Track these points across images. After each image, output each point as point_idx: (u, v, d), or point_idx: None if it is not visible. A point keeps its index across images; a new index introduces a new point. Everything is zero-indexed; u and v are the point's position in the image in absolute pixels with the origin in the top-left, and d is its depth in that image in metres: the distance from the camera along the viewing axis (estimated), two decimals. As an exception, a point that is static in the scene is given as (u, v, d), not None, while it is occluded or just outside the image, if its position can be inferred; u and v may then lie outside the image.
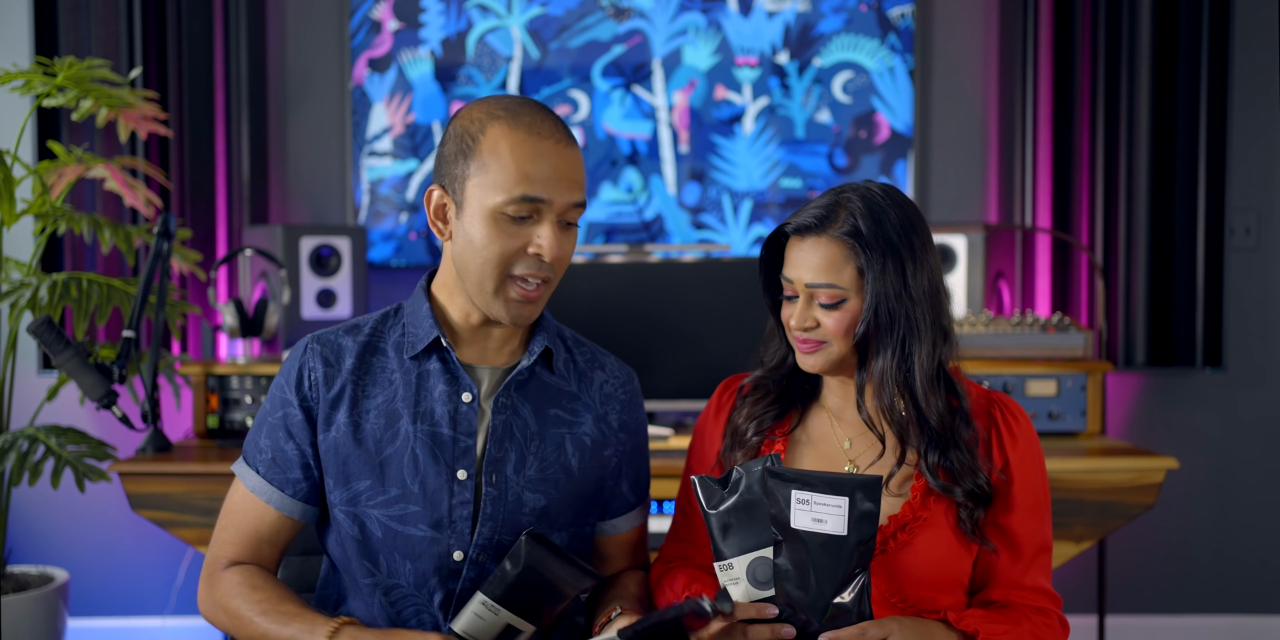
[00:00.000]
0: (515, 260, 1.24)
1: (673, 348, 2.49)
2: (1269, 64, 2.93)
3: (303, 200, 3.03)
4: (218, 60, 2.90)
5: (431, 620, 1.28)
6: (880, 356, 1.28)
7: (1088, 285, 2.89)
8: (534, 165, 1.21)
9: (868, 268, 1.26)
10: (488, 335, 1.32)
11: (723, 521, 1.19)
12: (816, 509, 1.15)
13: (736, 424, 1.39)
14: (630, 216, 2.99)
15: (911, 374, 1.28)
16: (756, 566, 1.17)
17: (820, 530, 1.15)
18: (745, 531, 1.18)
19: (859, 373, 1.31)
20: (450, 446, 1.28)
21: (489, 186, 1.22)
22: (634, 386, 1.43)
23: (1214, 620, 3.01)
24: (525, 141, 1.22)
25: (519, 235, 1.23)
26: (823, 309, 1.29)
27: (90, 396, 2.27)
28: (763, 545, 1.17)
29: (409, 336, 1.32)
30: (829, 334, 1.29)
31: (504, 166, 1.21)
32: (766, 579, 1.17)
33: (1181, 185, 2.86)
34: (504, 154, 1.22)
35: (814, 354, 1.31)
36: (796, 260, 1.30)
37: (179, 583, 2.92)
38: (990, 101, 3.01)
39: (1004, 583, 1.31)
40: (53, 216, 2.54)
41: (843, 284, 1.27)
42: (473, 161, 1.23)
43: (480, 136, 1.23)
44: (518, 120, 1.23)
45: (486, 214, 1.22)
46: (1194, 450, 2.96)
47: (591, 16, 2.97)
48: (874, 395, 1.30)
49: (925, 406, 1.28)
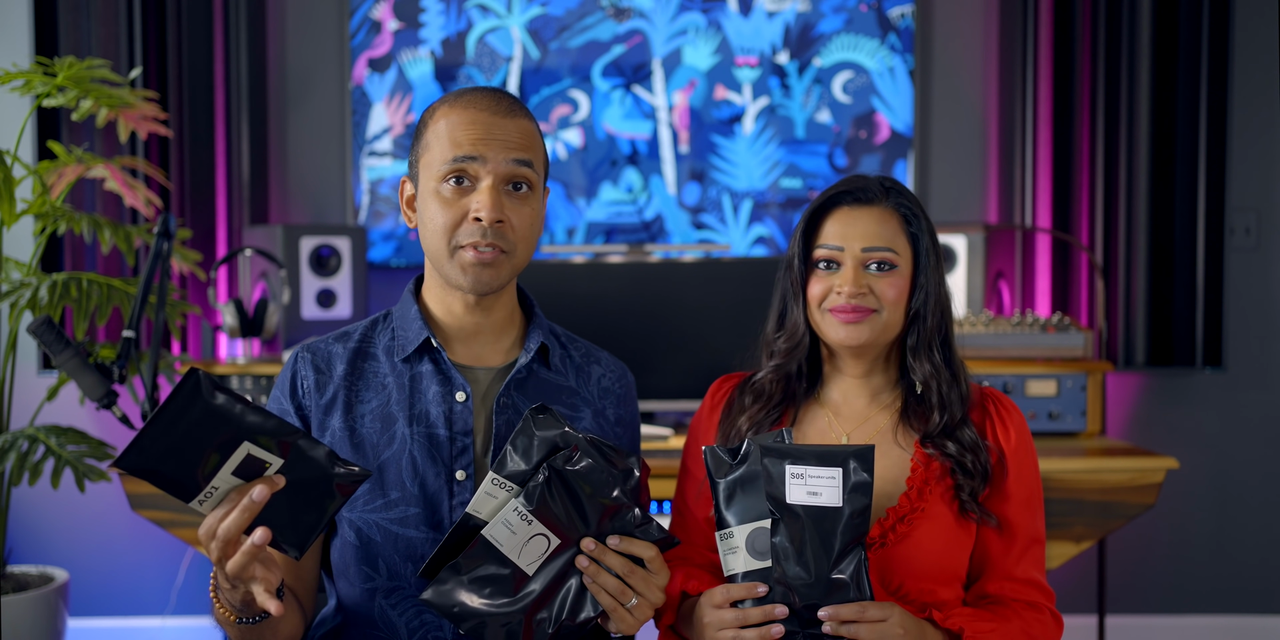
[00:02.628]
0: (459, 230, 1.25)
1: (673, 348, 2.49)
2: (1269, 64, 2.93)
3: (303, 200, 3.03)
4: (218, 60, 2.90)
5: (434, 621, 1.28)
6: (927, 322, 1.34)
7: (1088, 285, 2.89)
8: (465, 132, 1.25)
9: (920, 235, 1.33)
10: (479, 333, 1.32)
11: (729, 491, 1.20)
12: (811, 482, 1.16)
13: (736, 424, 1.40)
14: (630, 216, 2.99)
15: (948, 342, 1.36)
16: (755, 537, 1.18)
17: (815, 503, 1.15)
18: (748, 502, 1.19)
19: (911, 336, 1.34)
20: (447, 447, 1.28)
21: (431, 163, 1.26)
22: (629, 381, 1.44)
23: (1214, 620, 3.01)
24: (461, 115, 1.26)
25: (458, 205, 1.25)
26: (877, 274, 1.32)
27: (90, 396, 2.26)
28: (763, 516, 1.18)
29: (399, 340, 1.32)
30: (883, 300, 1.32)
31: (440, 139, 1.26)
32: (764, 550, 1.17)
33: (1181, 185, 2.86)
34: (442, 129, 1.26)
35: (861, 323, 1.32)
36: (848, 227, 1.33)
37: (179, 583, 2.92)
38: (990, 101, 3.01)
39: (997, 574, 1.32)
40: (53, 216, 2.54)
41: (898, 249, 1.32)
42: (420, 145, 1.28)
43: (429, 121, 1.28)
44: (459, 100, 1.27)
45: (431, 190, 1.26)
46: (1194, 450, 2.96)
47: (591, 16, 2.97)
48: (925, 359, 1.34)
49: (958, 373, 1.35)
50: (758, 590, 1.17)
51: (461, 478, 1.27)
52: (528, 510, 1.14)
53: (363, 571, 1.28)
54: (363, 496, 1.27)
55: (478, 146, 1.24)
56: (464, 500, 1.27)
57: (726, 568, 1.20)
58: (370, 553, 1.27)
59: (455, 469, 1.27)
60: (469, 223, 1.25)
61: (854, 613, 1.14)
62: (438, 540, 1.26)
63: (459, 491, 1.27)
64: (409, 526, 1.26)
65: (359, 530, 1.27)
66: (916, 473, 1.31)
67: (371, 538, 1.27)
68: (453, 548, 1.17)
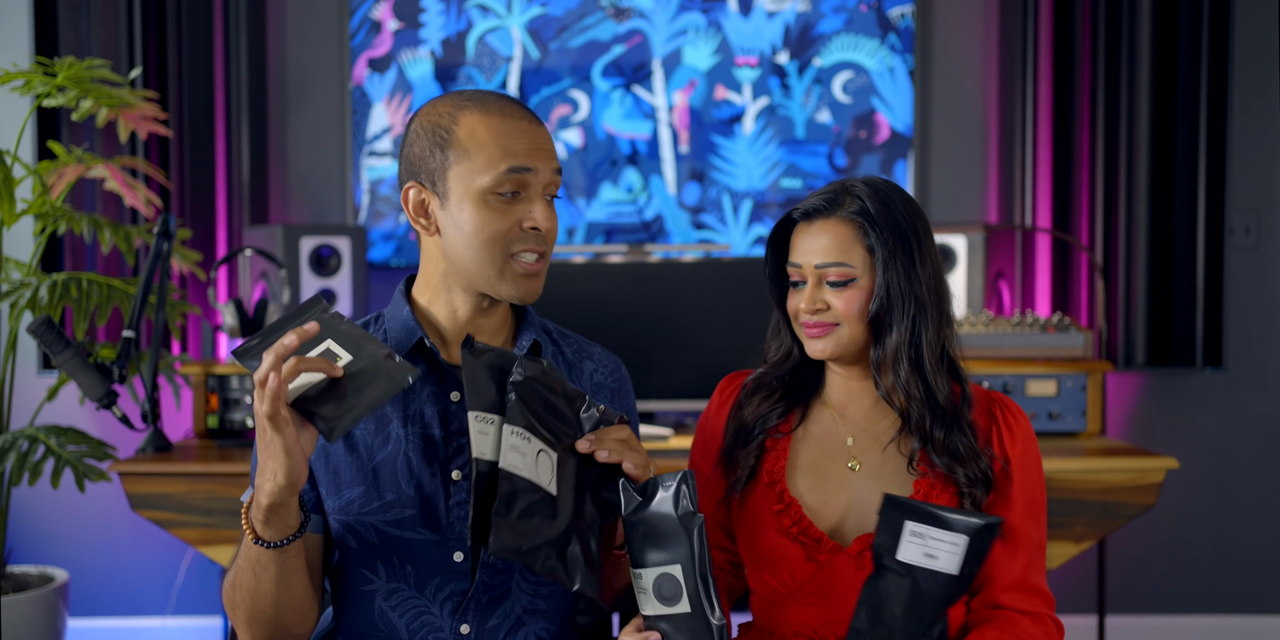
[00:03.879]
0: (512, 238, 1.25)
1: (673, 348, 2.49)
2: (1269, 64, 2.93)
3: (303, 200, 3.03)
4: (218, 60, 2.90)
5: (434, 622, 1.27)
6: (894, 333, 1.30)
7: (1088, 285, 2.89)
8: (514, 141, 1.25)
9: (878, 246, 1.29)
10: (477, 333, 1.32)
11: (636, 532, 1.17)
12: (931, 544, 1.13)
13: (743, 420, 1.40)
14: (630, 216, 3.00)
15: (921, 352, 1.30)
16: (662, 582, 1.16)
17: (929, 566, 1.12)
18: (655, 545, 1.16)
19: (874, 349, 1.32)
20: (442, 447, 1.27)
21: (475, 170, 1.24)
22: (622, 374, 1.44)
23: (1214, 620, 3.01)
24: (501, 122, 1.25)
25: (510, 213, 1.25)
26: (832, 289, 1.31)
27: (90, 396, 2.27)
28: (669, 562, 1.15)
29: (392, 341, 1.31)
30: (840, 315, 1.30)
31: (485, 148, 1.24)
32: (671, 595, 1.15)
33: (1181, 185, 2.86)
34: (483, 136, 1.24)
35: (823, 338, 1.32)
36: (804, 244, 1.32)
37: (179, 583, 2.92)
38: (990, 101, 3.01)
39: (1003, 582, 1.31)
40: (53, 216, 2.54)
41: (853, 263, 1.29)
42: (451, 151, 1.25)
43: (454, 126, 1.26)
44: (488, 106, 1.26)
45: (476, 197, 1.24)
46: (1194, 450, 2.96)
47: (591, 16, 2.97)
48: (889, 372, 1.31)
49: (934, 384, 1.30)
50: (648, 637, 1.16)
51: (457, 477, 1.27)
52: (520, 428, 1.16)
53: (361, 574, 1.28)
54: (358, 499, 1.26)
55: (531, 157, 1.25)
56: (460, 500, 1.26)
57: (640, 607, 1.19)
58: (368, 555, 1.27)
59: (451, 469, 1.27)
60: (523, 232, 1.25)
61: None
62: (436, 541, 1.26)
63: (455, 492, 1.26)
64: (406, 528, 1.26)
65: (356, 533, 1.27)
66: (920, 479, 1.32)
67: (369, 540, 1.26)
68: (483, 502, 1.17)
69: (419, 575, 1.26)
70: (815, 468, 1.36)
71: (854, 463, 1.35)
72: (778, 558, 1.33)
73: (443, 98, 1.30)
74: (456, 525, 1.26)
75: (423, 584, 1.27)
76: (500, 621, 1.29)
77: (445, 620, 1.27)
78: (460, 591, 1.27)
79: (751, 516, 1.36)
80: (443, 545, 1.26)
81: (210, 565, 2.91)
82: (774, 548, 1.33)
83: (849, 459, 1.35)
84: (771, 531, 1.33)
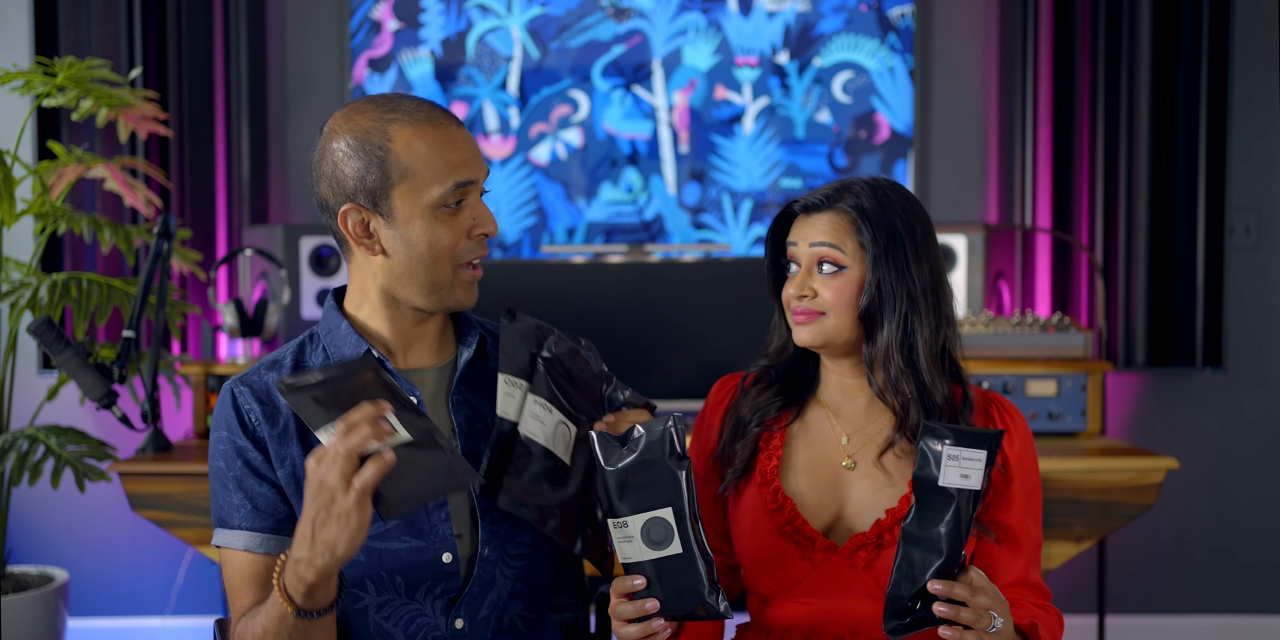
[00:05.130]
0: (462, 248, 1.26)
1: (673, 348, 2.49)
2: (1269, 64, 2.93)
3: (303, 200, 3.03)
4: (218, 60, 2.90)
5: (430, 622, 1.27)
6: (885, 329, 1.30)
7: (1088, 285, 2.89)
8: (453, 152, 1.24)
9: (869, 242, 1.29)
10: (421, 339, 1.31)
11: (619, 480, 1.18)
12: (964, 464, 1.15)
13: (740, 414, 1.40)
14: (630, 216, 3.00)
15: (915, 351, 1.30)
16: (651, 526, 1.17)
17: (964, 486, 1.15)
18: (642, 491, 1.17)
19: (867, 346, 1.32)
20: None
21: (420, 188, 1.23)
22: None
23: (1214, 620, 3.01)
24: (435, 133, 1.24)
25: (457, 224, 1.25)
26: (823, 277, 1.31)
27: (90, 396, 2.27)
28: (658, 505, 1.17)
29: (334, 357, 1.29)
30: (827, 304, 1.31)
31: (429, 164, 1.23)
32: (660, 539, 1.17)
33: (1181, 185, 2.86)
34: (423, 152, 1.23)
35: (809, 325, 1.32)
36: (801, 229, 1.34)
37: (179, 583, 2.92)
38: (990, 101, 3.01)
39: (1005, 581, 1.32)
40: (53, 216, 2.54)
41: (845, 250, 1.30)
42: (392, 169, 1.22)
43: (389, 143, 1.23)
44: (416, 117, 1.24)
45: (425, 212, 1.23)
46: (1194, 450, 2.95)
47: (591, 16, 2.97)
48: (880, 369, 1.32)
49: (929, 385, 1.31)
50: (633, 583, 1.16)
51: None
52: (544, 399, 1.27)
53: (351, 593, 1.26)
54: None
55: (471, 167, 1.25)
56: (439, 502, 1.26)
57: (622, 555, 1.19)
58: (356, 573, 1.25)
59: None
60: (469, 240, 1.26)
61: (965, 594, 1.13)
62: (421, 547, 1.25)
63: None
64: (390, 539, 1.25)
65: None
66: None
67: (356, 560, 1.24)
68: (499, 457, 1.25)
69: (409, 583, 1.26)
70: (810, 467, 1.36)
71: (849, 462, 1.35)
72: (773, 557, 1.33)
73: (358, 110, 1.25)
74: (439, 527, 1.26)
75: (413, 590, 1.27)
76: (490, 611, 1.30)
77: (439, 618, 1.28)
78: (453, 589, 1.27)
79: (746, 516, 1.36)
80: (429, 549, 1.26)
81: (210, 565, 2.91)
82: (769, 547, 1.33)
83: (844, 458, 1.36)
84: (766, 531, 1.33)
